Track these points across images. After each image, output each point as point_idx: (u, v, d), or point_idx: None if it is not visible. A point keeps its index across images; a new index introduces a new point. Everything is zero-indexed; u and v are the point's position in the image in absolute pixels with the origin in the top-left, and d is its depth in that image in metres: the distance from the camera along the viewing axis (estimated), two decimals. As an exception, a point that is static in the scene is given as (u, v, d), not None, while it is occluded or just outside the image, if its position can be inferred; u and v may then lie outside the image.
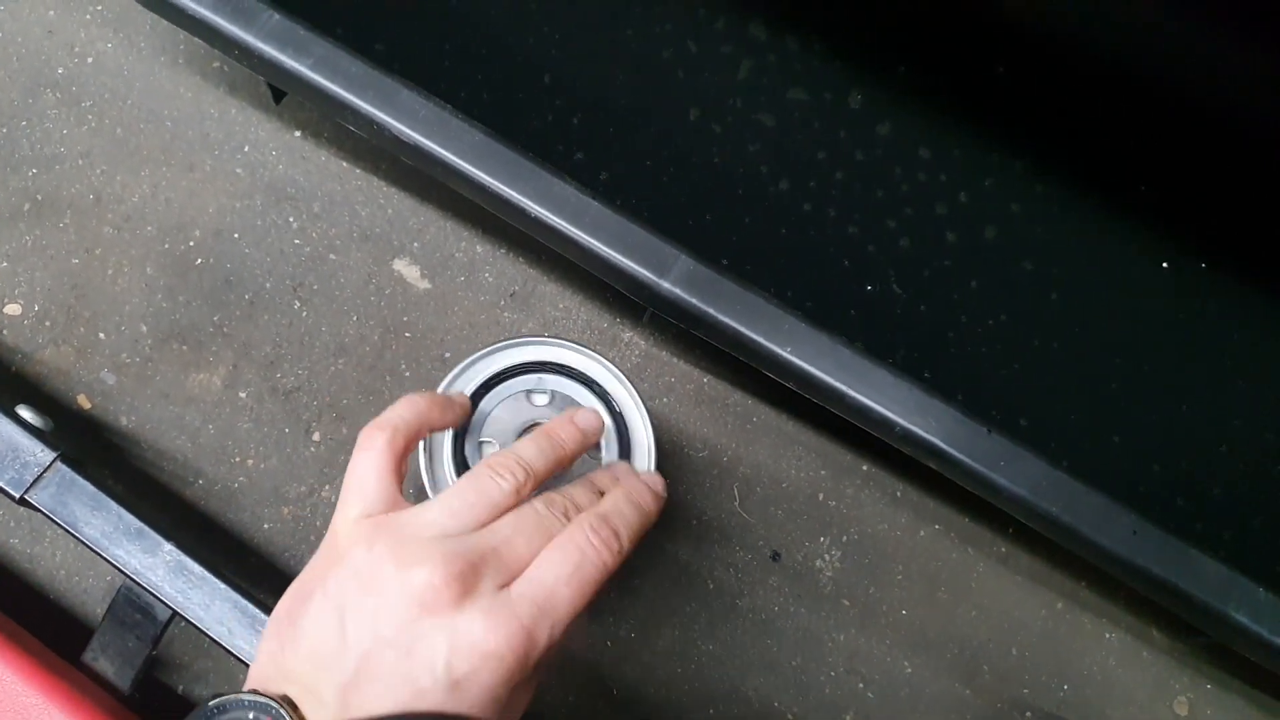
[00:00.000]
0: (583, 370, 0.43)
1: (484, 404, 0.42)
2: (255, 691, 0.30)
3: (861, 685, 0.54)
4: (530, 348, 0.43)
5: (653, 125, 0.57)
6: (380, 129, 0.48)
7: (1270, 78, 0.54)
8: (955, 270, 0.56)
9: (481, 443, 0.41)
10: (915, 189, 0.58)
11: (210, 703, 0.30)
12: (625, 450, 0.42)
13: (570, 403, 0.42)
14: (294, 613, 0.31)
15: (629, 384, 0.43)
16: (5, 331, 0.55)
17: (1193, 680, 0.56)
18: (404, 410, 0.35)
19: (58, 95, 0.59)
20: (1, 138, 0.58)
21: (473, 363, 0.42)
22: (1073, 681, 0.56)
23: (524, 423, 0.42)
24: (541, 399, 0.42)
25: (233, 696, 0.30)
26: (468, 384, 0.42)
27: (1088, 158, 0.59)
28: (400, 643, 0.30)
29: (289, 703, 0.30)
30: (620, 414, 0.42)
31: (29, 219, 0.57)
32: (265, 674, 0.31)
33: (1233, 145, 0.58)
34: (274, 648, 0.32)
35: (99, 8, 0.61)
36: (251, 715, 0.29)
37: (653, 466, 0.42)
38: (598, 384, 0.43)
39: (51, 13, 0.61)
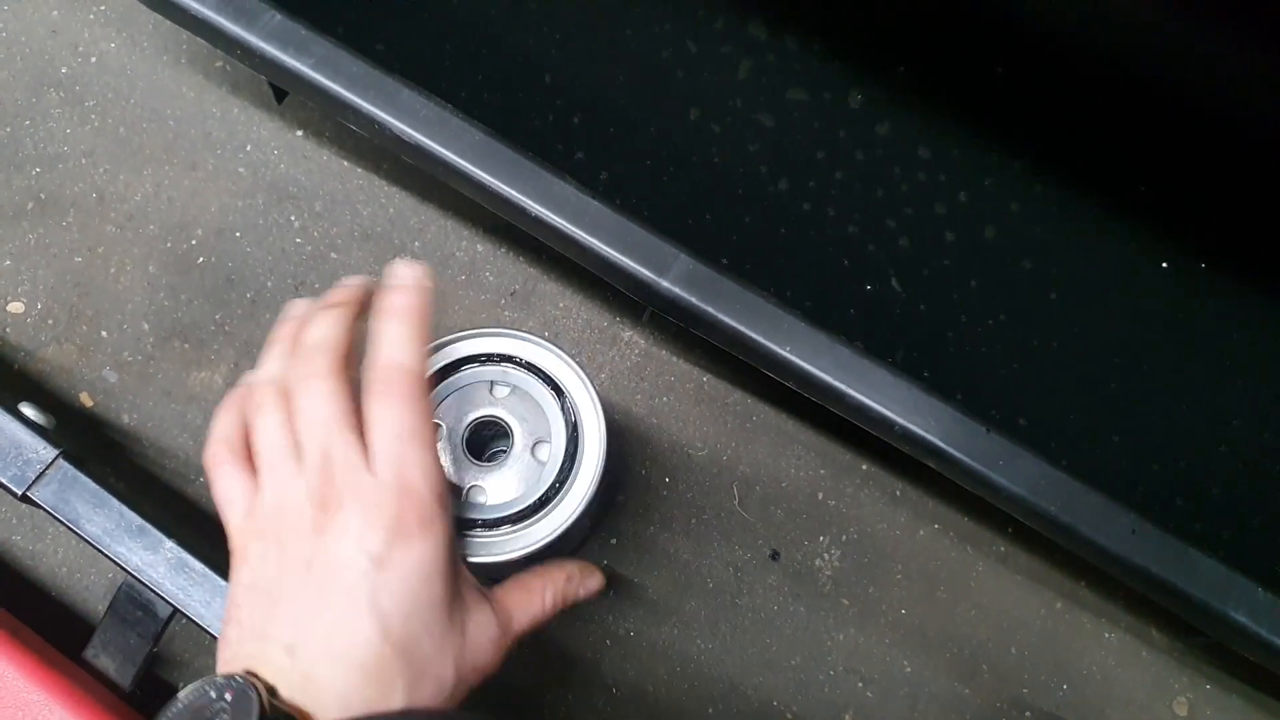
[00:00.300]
0: (550, 372, 0.43)
1: (443, 387, 0.42)
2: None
3: (861, 684, 0.55)
4: (501, 339, 0.43)
5: (652, 125, 0.57)
6: (381, 128, 0.48)
7: (1270, 77, 0.54)
8: (955, 270, 0.56)
9: (434, 425, 0.41)
10: (915, 189, 0.58)
11: (179, 693, 0.32)
12: (572, 461, 0.41)
13: (529, 400, 0.42)
14: (230, 614, 0.36)
15: (594, 392, 0.42)
16: (8, 329, 0.56)
17: (1192, 680, 0.56)
18: (223, 422, 0.39)
19: (61, 94, 0.60)
20: (5, 137, 0.59)
21: (446, 344, 0.43)
22: (1072, 681, 0.56)
23: (478, 414, 0.42)
24: (502, 391, 0.42)
25: (196, 682, 0.33)
26: (436, 364, 0.42)
27: (1087, 158, 0.59)
28: (314, 571, 0.34)
29: (249, 672, 0.33)
30: (576, 422, 0.42)
31: (32, 217, 0.57)
32: (226, 664, 0.35)
33: (1232, 145, 0.58)
34: (227, 653, 0.35)
35: (102, 8, 0.61)
36: (213, 692, 0.32)
37: (597, 478, 0.41)
38: (563, 388, 0.42)
39: (55, 13, 0.61)
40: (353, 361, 0.38)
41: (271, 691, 0.32)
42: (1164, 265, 0.58)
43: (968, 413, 0.47)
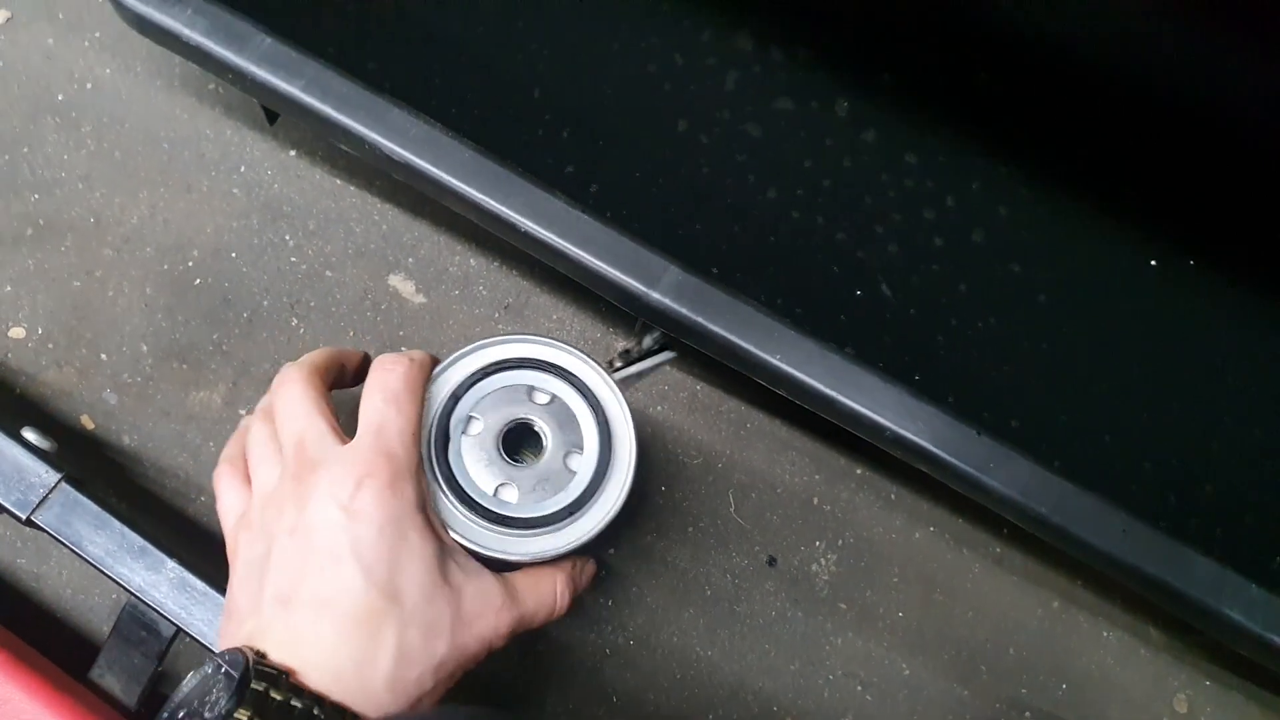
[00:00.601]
0: (590, 386, 0.43)
1: (485, 383, 0.43)
2: None
3: (860, 688, 0.55)
4: (546, 348, 0.44)
5: (641, 138, 0.58)
6: (372, 148, 0.49)
7: (1252, 78, 0.54)
8: (943, 274, 0.57)
9: (471, 417, 0.42)
10: (902, 195, 0.58)
11: (182, 682, 0.34)
12: (602, 476, 0.42)
13: (566, 410, 0.43)
14: (227, 608, 0.39)
15: (629, 414, 0.43)
16: (10, 354, 0.56)
17: (1191, 677, 0.57)
18: (228, 447, 0.43)
19: (57, 120, 0.60)
20: (3, 164, 0.59)
21: (493, 344, 0.43)
22: (1071, 680, 0.56)
23: (514, 416, 0.42)
24: (542, 398, 0.43)
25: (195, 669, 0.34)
26: (477, 361, 0.43)
27: (1073, 160, 0.60)
28: (297, 536, 0.36)
29: (247, 646, 0.34)
30: (610, 440, 0.42)
31: (31, 243, 0.58)
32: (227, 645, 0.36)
33: (1217, 144, 0.58)
34: (226, 642, 0.37)
35: (97, 34, 0.62)
36: (209, 669, 0.33)
37: (623, 498, 0.42)
38: (601, 404, 0.43)
39: (50, 40, 0.62)
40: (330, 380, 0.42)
41: (260, 655, 0.34)
42: (1152, 263, 0.59)
43: (959, 416, 0.47)
